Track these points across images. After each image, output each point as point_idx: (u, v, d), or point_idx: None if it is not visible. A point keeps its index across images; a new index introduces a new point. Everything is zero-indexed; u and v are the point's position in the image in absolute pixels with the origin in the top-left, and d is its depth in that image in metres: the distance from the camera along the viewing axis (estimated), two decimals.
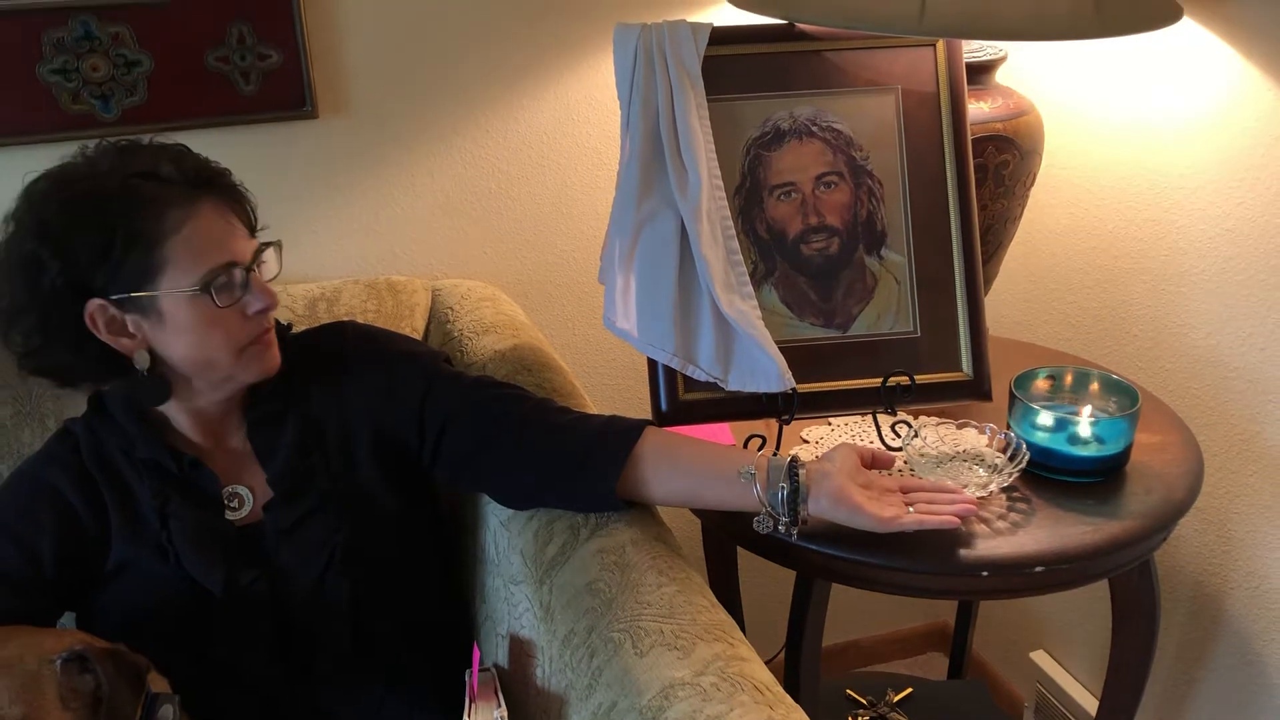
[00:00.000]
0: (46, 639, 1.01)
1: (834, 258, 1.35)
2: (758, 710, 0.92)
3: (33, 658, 0.97)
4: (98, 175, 1.10)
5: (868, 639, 2.23)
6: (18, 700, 0.95)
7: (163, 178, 1.10)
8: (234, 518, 1.20)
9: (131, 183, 1.09)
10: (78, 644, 1.00)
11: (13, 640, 0.99)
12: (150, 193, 1.09)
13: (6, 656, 0.97)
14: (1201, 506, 1.57)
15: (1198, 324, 1.53)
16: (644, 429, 1.18)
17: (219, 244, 1.11)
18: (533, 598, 1.16)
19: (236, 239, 1.13)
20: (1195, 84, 1.46)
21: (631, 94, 1.29)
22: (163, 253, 1.08)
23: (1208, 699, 1.66)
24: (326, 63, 1.54)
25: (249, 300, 1.13)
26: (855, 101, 1.35)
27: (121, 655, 1.02)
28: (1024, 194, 1.48)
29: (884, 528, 1.11)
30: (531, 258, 1.74)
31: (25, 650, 0.98)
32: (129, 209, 1.08)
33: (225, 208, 1.13)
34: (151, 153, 1.12)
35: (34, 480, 1.18)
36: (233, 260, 1.11)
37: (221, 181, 1.14)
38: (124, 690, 1.00)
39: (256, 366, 1.17)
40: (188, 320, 1.10)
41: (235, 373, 1.16)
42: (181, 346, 1.12)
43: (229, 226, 1.13)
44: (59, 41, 1.41)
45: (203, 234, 1.10)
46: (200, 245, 1.09)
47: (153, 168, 1.10)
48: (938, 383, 1.35)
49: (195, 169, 1.12)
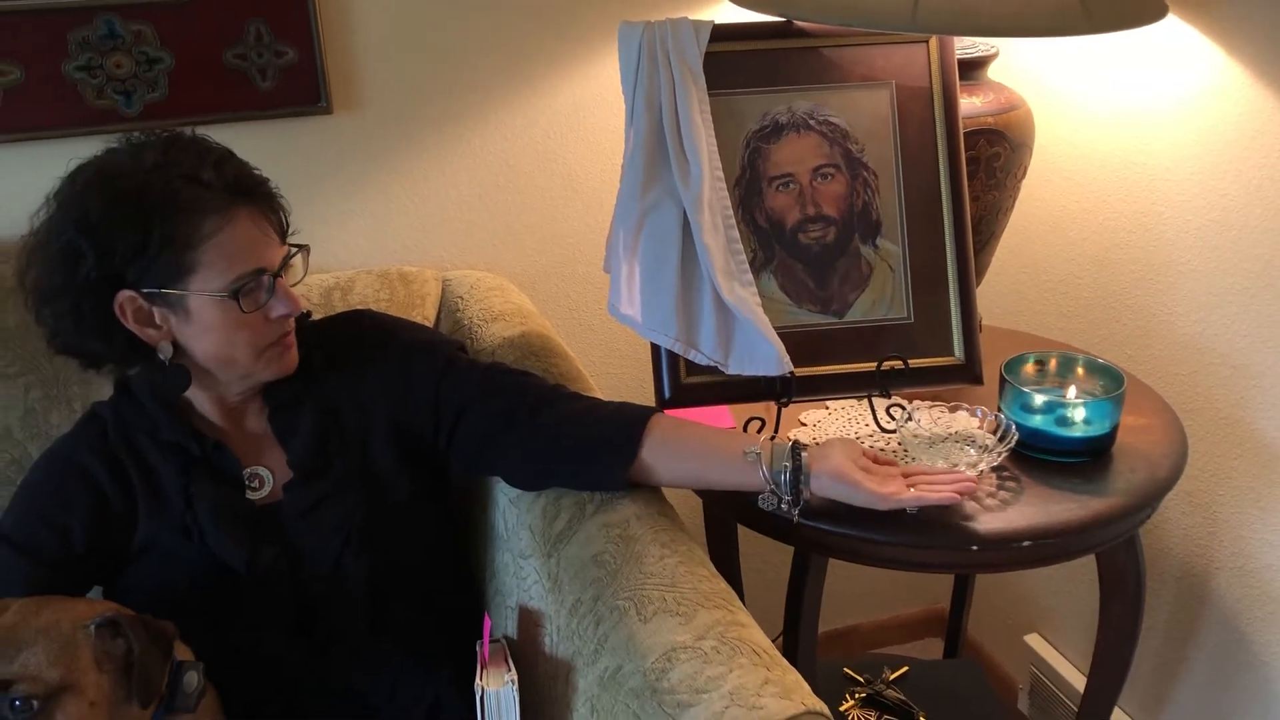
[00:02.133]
0: (79, 606, 1.05)
1: (830, 246, 1.39)
2: (755, 671, 0.96)
3: (68, 623, 1.02)
4: (141, 172, 1.12)
5: (866, 624, 2.27)
6: (55, 663, 0.99)
7: (204, 183, 1.12)
8: (255, 498, 1.24)
9: (174, 185, 1.11)
10: (109, 611, 1.05)
11: (48, 608, 1.03)
12: (189, 197, 1.12)
13: (43, 623, 1.01)
14: (1188, 489, 1.61)
15: (1185, 312, 1.57)
16: (652, 416, 1.22)
17: (250, 252, 1.14)
18: (541, 570, 1.20)
19: (267, 247, 1.17)
20: (1181, 79, 1.50)
21: (635, 89, 1.33)
22: (196, 255, 1.12)
23: (1195, 676, 1.70)
24: (341, 60, 1.58)
25: (273, 305, 1.17)
26: (851, 96, 1.40)
27: (151, 622, 1.07)
28: (1015, 186, 1.52)
29: (883, 503, 1.16)
30: (538, 248, 1.78)
31: (60, 616, 1.02)
32: (167, 211, 1.11)
33: (260, 216, 1.16)
34: (196, 153, 1.14)
35: (64, 461, 1.22)
36: (261, 267, 1.15)
37: (259, 190, 1.17)
38: (154, 655, 1.05)
39: (275, 366, 1.21)
40: (213, 320, 1.15)
41: (254, 371, 1.20)
42: (205, 343, 1.17)
43: (261, 235, 1.16)
44: (84, 40, 1.46)
45: (236, 242, 1.13)
46: (232, 252, 1.13)
47: (195, 171, 1.12)
48: (931, 367, 1.40)
49: (236, 177, 1.15)
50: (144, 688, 1.03)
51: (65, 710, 0.99)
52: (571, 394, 1.28)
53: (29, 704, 0.97)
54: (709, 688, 0.95)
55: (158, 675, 1.05)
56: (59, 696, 0.99)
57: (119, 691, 1.03)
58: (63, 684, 0.99)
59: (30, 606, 1.02)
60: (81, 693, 1.00)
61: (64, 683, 0.99)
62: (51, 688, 0.98)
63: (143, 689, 1.03)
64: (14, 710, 0.97)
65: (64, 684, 0.99)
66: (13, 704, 0.97)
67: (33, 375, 1.41)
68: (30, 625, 1.00)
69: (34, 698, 0.97)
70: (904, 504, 1.17)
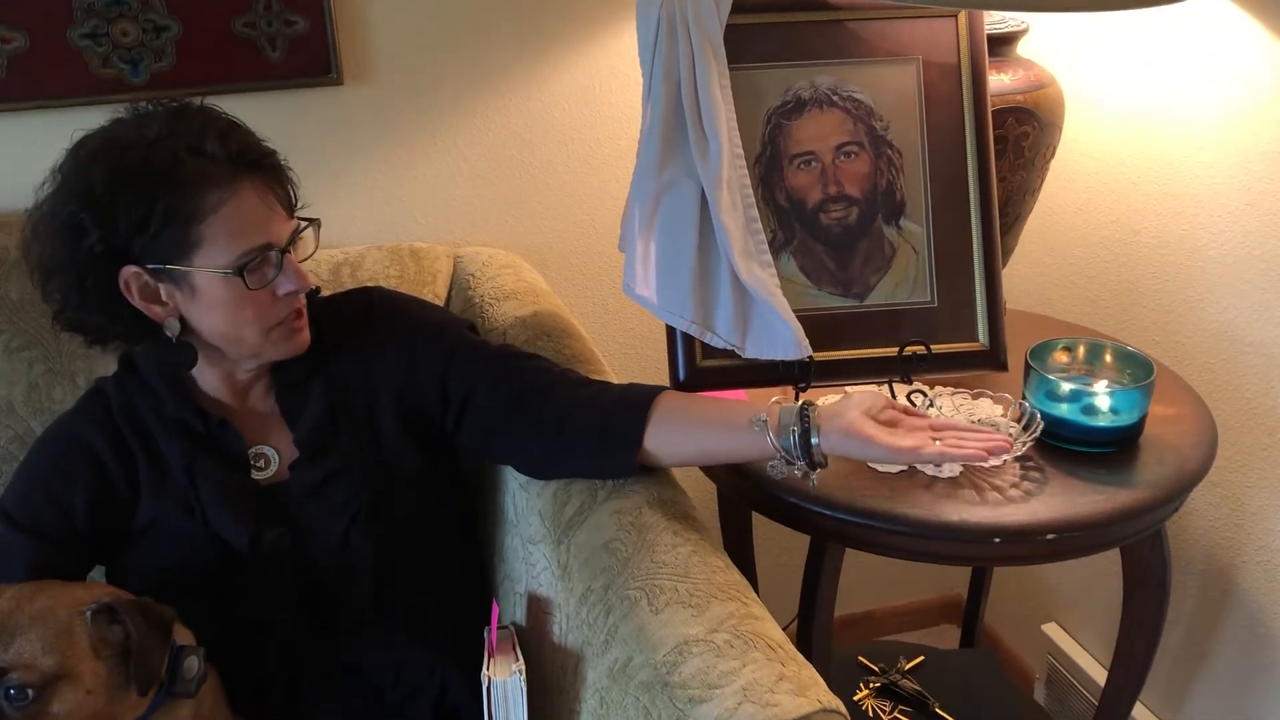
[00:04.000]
0: (76, 591, 1.04)
1: (852, 227, 1.36)
2: (769, 667, 0.94)
3: (64, 609, 1.00)
4: (145, 144, 1.09)
5: (881, 610, 2.25)
6: (51, 650, 0.97)
7: (207, 154, 1.09)
8: (260, 477, 1.22)
9: (178, 157, 1.08)
10: (106, 596, 1.03)
11: (43, 593, 1.01)
12: (193, 169, 1.09)
13: (38, 609, 0.99)
14: (1215, 480, 1.58)
15: (1214, 298, 1.53)
16: (659, 395, 1.19)
17: (256, 226, 1.11)
18: (550, 557, 1.18)
19: (274, 221, 1.13)
20: (1217, 58, 1.45)
21: (653, 62, 1.30)
22: (200, 230, 1.09)
23: (1218, 671, 1.67)
24: (352, 30, 1.55)
25: (280, 281, 1.14)
26: (876, 72, 1.36)
27: (149, 607, 1.05)
28: (1043, 166, 1.48)
29: (900, 457, 1.08)
30: (552, 225, 1.75)
31: (56, 602, 1.00)
32: (171, 184, 1.08)
33: (266, 189, 1.13)
34: (201, 123, 1.11)
35: (67, 437, 1.21)
36: (269, 242, 1.12)
37: (265, 162, 1.14)
38: (153, 640, 1.03)
39: (285, 346, 1.19)
40: (219, 297, 1.12)
41: (262, 350, 1.18)
42: (211, 320, 1.14)
43: (267, 209, 1.13)
44: (89, 6, 1.43)
45: (240, 216, 1.10)
46: (237, 226, 1.10)
47: (199, 143, 1.09)
48: (954, 352, 1.37)
49: (240, 148, 1.12)
50: (142, 674, 1.01)
51: (62, 698, 0.97)
52: (578, 380, 1.25)
53: (24, 692, 0.95)
54: (722, 683, 0.93)
55: (156, 661, 1.03)
56: (55, 684, 0.97)
57: (116, 678, 1.01)
58: (59, 672, 0.97)
59: (25, 592, 1.01)
60: (78, 680, 0.98)
61: (60, 670, 0.97)
62: (47, 676, 0.97)
63: (141, 675, 1.01)
64: (9, 699, 0.95)
65: (60, 672, 0.97)
66: (8, 693, 0.95)
67: (36, 350, 1.39)
68: (24, 611, 0.98)
69: (29, 686, 0.96)
70: (925, 459, 1.08)
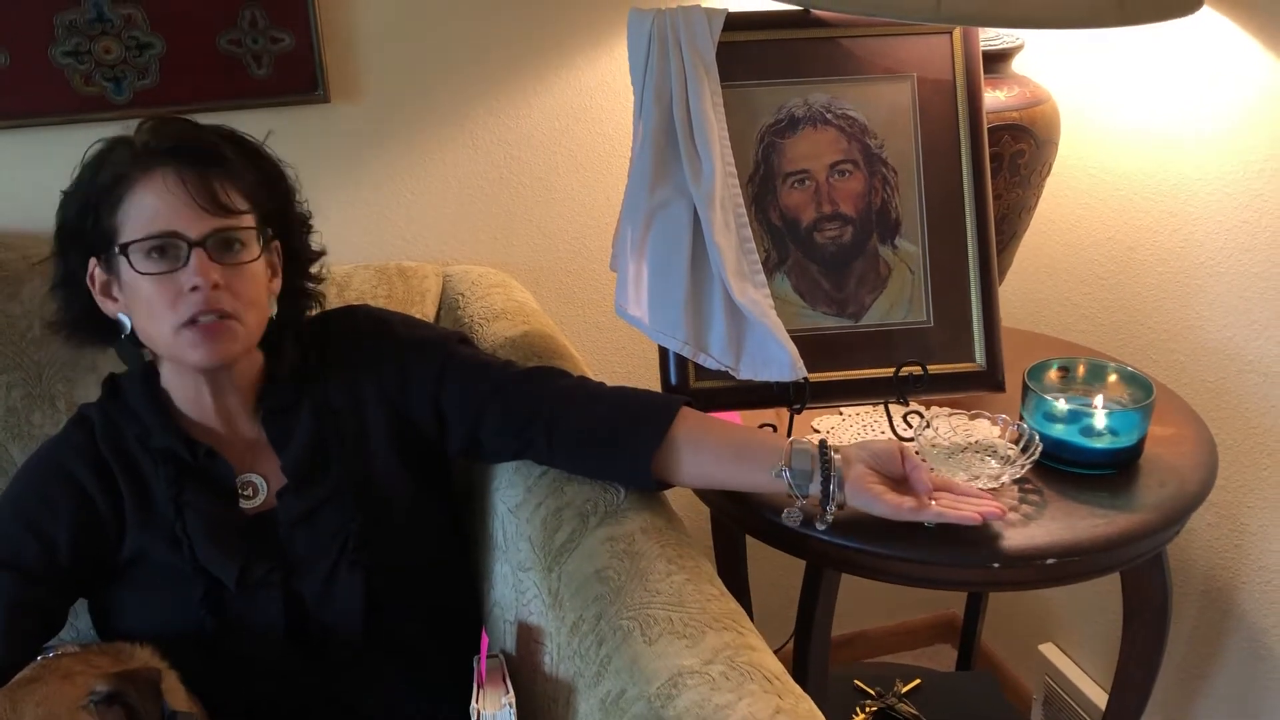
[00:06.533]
0: (64, 687, 0.99)
1: (847, 246, 1.34)
2: (766, 699, 0.92)
3: (63, 709, 0.97)
4: (108, 141, 1.14)
5: (876, 630, 2.22)
6: None
7: (133, 143, 1.13)
8: (248, 506, 1.20)
9: (112, 146, 1.13)
10: (96, 682, 0.99)
11: (30, 700, 0.97)
12: (119, 157, 1.12)
13: (38, 718, 0.96)
14: (1214, 500, 1.56)
15: (1213, 316, 1.52)
16: (675, 420, 1.17)
17: (162, 213, 1.09)
18: (541, 584, 1.16)
19: (186, 212, 1.10)
20: (1214, 74, 1.44)
21: (645, 80, 1.28)
22: (120, 215, 1.11)
23: (1218, 694, 1.66)
24: (339, 47, 1.53)
25: (182, 275, 1.10)
26: (870, 89, 1.35)
27: (137, 675, 1.02)
28: (1039, 184, 1.47)
29: (900, 516, 1.12)
30: (543, 244, 1.73)
31: (52, 705, 0.97)
32: (104, 172, 1.12)
33: (190, 179, 1.10)
34: (156, 122, 1.15)
35: (51, 467, 1.18)
36: (172, 231, 1.09)
37: (198, 154, 1.12)
38: (150, 707, 1.00)
39: (192, 352, 1.12)
40: (130, 284, 1.12)
41: (176, 353, 1.13)
42: (135, 314, 1.14)
43: (183, 198, 1.10)
44: (71, 24, 1.41)
45: (147, 201, 1.10)
46: (144, 211, 1.10)
47: (132, 134, 1.14)
48: (950, 373, 1.35)
49: (170, 137, 1.12)
50: None
51: None
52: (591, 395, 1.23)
53: None
54: (718, 716, 0.91)
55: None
56: None
57: None
58: None
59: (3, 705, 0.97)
60: None
61: None
62: None
63: None
64: None
65: None
66: None
67: (15, 373, 1.36)
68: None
69: None
70: (922, 518, 1.13)
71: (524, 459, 1.25)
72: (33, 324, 1.36)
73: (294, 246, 1.24)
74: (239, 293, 1.12)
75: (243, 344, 1.15)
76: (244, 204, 1.14)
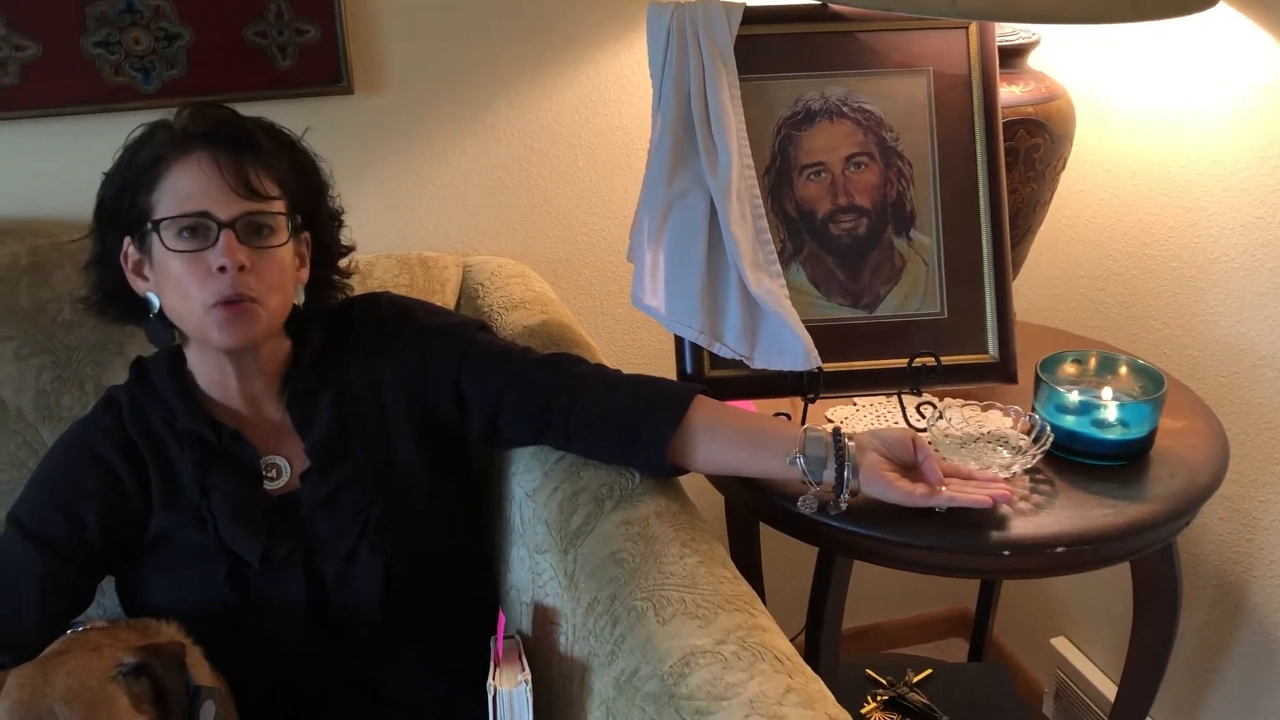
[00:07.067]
0: (92, 659, 1.02)
1: (862, 238, 1.36)
2: (777, 679, 0.93)
3: (93, 679, 0.99)
4: (150, 125, 1.17)
5: (889, 622, 2.23)
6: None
7: (172, 126, 1.15)
8: (271, 488, 1.22)
9: (155, 130, 1.16)
10: (124, 654, 1.01)
11: (60, 672, 0.99)
12: (159, 138, 1.15)
13: (68, 688, 0.98)
14: (1226, 494, 1.56)
15: (1226, 311, 1.52)
16: (690, 407, 1.19)
17: (195, 193, 1.12)
18: (557, 567, 1.17)
19: (218, 193, 1.12)
20: (1229, 70, 1.45)
21: (663, 73, 1.30)
22: (155, 195, 1.13)
23: (1229, 686, 1.66)
24: (363, 39, 1.55)
25: (211, 256, 1.12)
26: (887, 82, 1.36)
27: (163, 649, 1.04)
28: (1054, 179, 1.48)
29: (912, 503, 1.14)
30: (561, 235, 1.75)
31: (82, 676, 0.99)
32: (143, 152, 1.15)
33: (225, 162, 1.12)
34: (196, 107, 1.17)
35: (80, 448, 1.20)
36: (204, 211, 1.11)
37: (233, 139, 1.14)
38: (177, 684, 1.03)
39: (217, 334, 1.14)
40: (161, 262, 1.14)
41: (202, 332, 1.15)
42: (166, 293, 1.16)
43: (216, 180, 1.12)
44: (102, 15, 1.43)
45: (182, 181, 1.12)
46: (178, 191, 1.12)
47: (172, 117, 1.16)
48: (963, 364, 1.36)
49: (207, 121, 1.15)
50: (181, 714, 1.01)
51: None
52: (608, 381, 1.24)
53: None
54: (728, 694, 0.92)
55: (181, 698, 1.03)
56: None
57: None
58: None
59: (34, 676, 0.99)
60: None
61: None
62: None
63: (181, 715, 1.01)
64: None
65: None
66: None
67: (45, 356, 1.39)
68: (52, 695, 0.97)
69: None
70: (934, 503, 1.15)
71: (541, 444, 1.27)
72: (63, 308, 1.39)
73: (324, 240, 1.27)
74: (264, 276, 1.14)
75: (265, 328, 1.17)
76: (275, 190, 1.16)
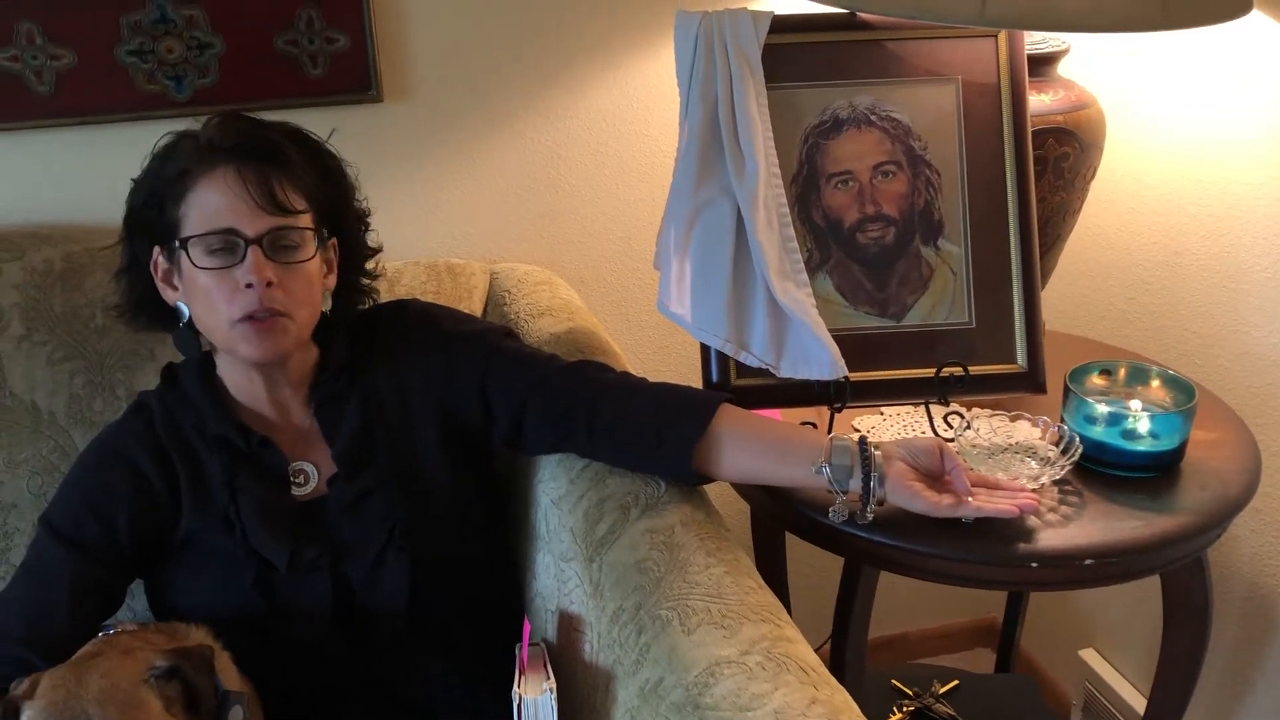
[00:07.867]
0: (125, 662, 1.03)
1: (890, 247, 1.35)
2: (802, 690, 0.93)
3: (126, 682, 1.00)
4: (176, 134, 1.18)
5: (916, 632, 2.22)
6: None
7: (198, 139, 1.16)
8: (299, 493, 1.23)
9: (181, 141, 1.17)
10: (156, 657, 1.02)
11: (93, 674, 1.00)
12: (185, 151, 1.15)
13: (102, 689, 0.99)
14: (1259, 507, 1.55)
15: (1258, 322, 1.51)
16: (715, 415, 1.19)
17: (222, 210, 1.12)
18: (582, 575, 1.18)
19: (244, 209, 1.12)
20: (1261, 78, 1.44)
21: (691, 81, 1.30)
22: (183, 209, 1.14)
23: (1260, 702, 1.64)
24: (392, 48, 1.56)
25: (238, 272, 1.13)
26: (915, 91, 1.35)
27: (193, 652, 1.05)
28: (1084, 187, 1.47)
29: (939, 512, 1.14)
30: (588, 243, 1.75)
31: (115, 678, 1.00)
32: (169, 163, 1.16)
33: (250, 177, 1.13)
34: (223, 118, 1.17)
35: (111, 451, 1.21)
36: (231, 228, 1.12)
37: (261, 153, 1.14)
38: (206, 683, 1.04)
39: (244, 347, 1.15)
40: (189, 277, 1.15)
41: (231, 346, 1.16)
42: (194, 306, 1.17)
43: (240, 195, 1.12)
44: (136, 24, 1.45)
45: (208, 196, 1.13)
46: (204, 206, 1.13)
47: (198, 129, 1.17)
48: (991, 374, 1.35)
49: (233, 134, 1.15)
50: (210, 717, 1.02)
51: None
52: (631, 387, 1.24)
53: None
54: (753, 705, 0.92)
55: (211, 700, 1.04)
56: None
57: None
58: None
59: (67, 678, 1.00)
60: None
61: None
62: None
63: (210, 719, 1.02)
64: None
65: None
66: None
67: (77, 361, 1.41)
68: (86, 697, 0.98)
69: None
70: (960, 514, 1.14)
71: (564, 450, 1.27)
72: (95, 314, 1.40)
73: (351, 243, 1.27)
74: (292, 291, 1.15)
75: (294, 340, 1.18)
76: (302, 203, 1.17)
